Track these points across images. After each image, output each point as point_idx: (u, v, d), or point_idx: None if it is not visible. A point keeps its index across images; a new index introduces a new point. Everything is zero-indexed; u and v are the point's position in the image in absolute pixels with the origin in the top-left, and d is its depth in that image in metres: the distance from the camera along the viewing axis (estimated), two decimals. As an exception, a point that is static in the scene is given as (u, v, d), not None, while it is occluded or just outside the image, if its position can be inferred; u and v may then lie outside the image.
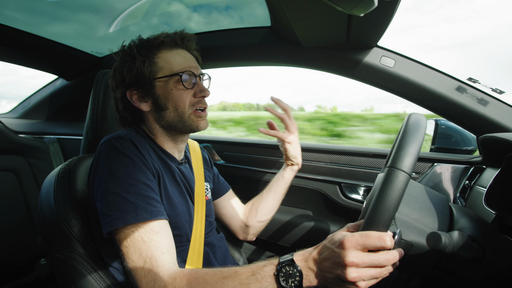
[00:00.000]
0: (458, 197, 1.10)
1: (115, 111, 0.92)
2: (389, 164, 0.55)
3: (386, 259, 0.56)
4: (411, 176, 0.53)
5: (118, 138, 0.79)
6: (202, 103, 0.88)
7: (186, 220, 0.86)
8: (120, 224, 0.70)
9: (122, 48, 0.88)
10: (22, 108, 1.98)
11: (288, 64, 1.31)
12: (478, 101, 1.02)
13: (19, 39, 1.44)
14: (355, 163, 1.39)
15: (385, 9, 0.82)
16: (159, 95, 0.85)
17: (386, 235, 0.54)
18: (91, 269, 0.79)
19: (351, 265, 0.55)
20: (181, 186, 0.89)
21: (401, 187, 0.52)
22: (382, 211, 0.53)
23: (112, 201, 0.71)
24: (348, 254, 0.55)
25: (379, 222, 0.53)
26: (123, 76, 0.85)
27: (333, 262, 0.57)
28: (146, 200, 0.73)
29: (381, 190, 0.53)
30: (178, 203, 0.85)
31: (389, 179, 0.53)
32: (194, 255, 0.85)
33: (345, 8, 0.42)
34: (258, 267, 0.65)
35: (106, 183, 0.73)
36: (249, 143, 1.67)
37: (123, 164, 0.75)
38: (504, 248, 0.60)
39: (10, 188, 1.50)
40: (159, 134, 0.90)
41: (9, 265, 1.41)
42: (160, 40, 0.85)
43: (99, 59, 1.74)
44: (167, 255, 0.70)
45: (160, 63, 0.84)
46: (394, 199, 0.52)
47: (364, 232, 0.55)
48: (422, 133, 0.57)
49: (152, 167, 0.79)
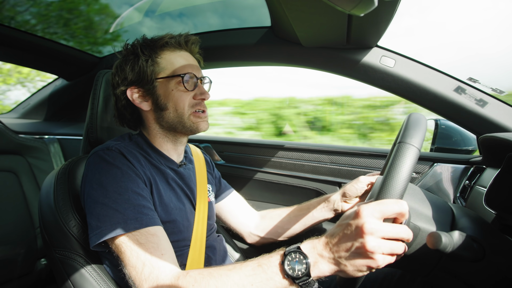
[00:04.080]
0: (458, 197, 1.10)
1: (114, 111, 0.92)
2: (399, 140, 0.56)
3: (403, 230, 0.54)
4: (420, 150, 0.54)
5: (105, 149, 0.79)
6: (201, 105, 0.88)
7: (184, 226, 0.85)
8: (110, 235, 0.69)
9: (126, 46, 0.88)
10: (22, 108, 1.98)
11: (288, 64, 1.31)
12: (478, 101, 1.02)
13: (19, 39, 1.44)
14: (355, 163, 1.39)
15: (385, 9, 0.82)
16: (160, 95, 0.85)
17: (402, 201, 0.53)
18: (91, 269, 0.79)
19: (370, 233, 0.53)
20: (177, 190, 0.88)
21: (412, 158, 0.53)
22: (396, 181, 0.53)
23: (101, 213, 0.71)
24: (366, 221, 0.53)
25: (394, 190, 0.53)
26: (125, 74, 0.85)
27: (349, 236, 0.55)
28: (137, 209, 0.72)
29: (393, 162, 0.54)
30: (174, 208, 0.83)
31: (401, 152, 0.54)
32: (194, 258, 0.84)
33: (345, 8, 0.42)
34: (264, 258, 0.63)
35: (95, 195, 0.73)
36: (249, 143, 1.67)
37: (112, 174, 0.74)
38: (504, 248, 0.60)
39: (10, 188, 1.49)
40: (158, 135, 0.89)
41: (9, 265, 1.41)
42: (164, 41, 0.86)
43: (99, 59, 1.74)
44: (166, 256, 0.69)
45: (163, 63, 0.85)
46: (406, 169, 0.53)
47: (380, 200, 0.54)
48: (425, 121, 0.59)
49: (142, 174, 0.78)
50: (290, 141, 1.61)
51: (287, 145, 1.55)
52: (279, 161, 1.54)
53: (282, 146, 1.55)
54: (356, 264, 0.55)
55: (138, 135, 0.91)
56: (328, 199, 1.00)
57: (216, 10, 1.26)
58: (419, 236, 0.62)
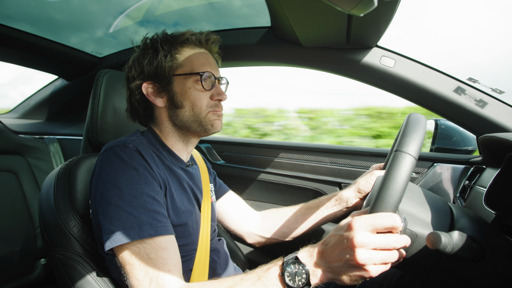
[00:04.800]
0: (458, 197, 1.10)
1: (127, 105, 0.89)
2: (395, 148, 0.55)
3: (396, 240, 0.55)
4: (416, 159, 0.53)
5: (122, 146, 0.75)
6: (218, 107, 0.86)
7: (193, 229, 0.84)
8: (124, 241, 0.66)
9: (145, 40, 0.86)
10: (22, 108, 1.98)
11: (288, 64, 1.31)
12: (478, 101, 1.02)
13: (19, 39, 1.44)
14: (355, 163, 1.39)
15: (385, 9, 0.82)
16: (176, 92, 0.83)
17: (395, 215, 0.53)
18: (91, 269, 0.79)
19: (360, 246, 0.53)
20: (189, 192, 0.86)
21: (408, 169, 0.52)
22: (390, 192, 0.53)
23: (115, 215, 0.68)
24: (356, 234, 0.54)
25: (388, 203, 0.53)
26: (142, 67, 0.83)
27: (340, 248, 0.56)
28: (151, 214, 0.69)
29: (388, 172, 0.53)
30: (185, 211, 0.82)
31: (396, 161, 0.53)
32: (200, 262, 0.83)
33: (345, 8, 0.42)
34: (263, 270, 0.64)
35: (109, 195, 0.70)
36: (249, 143, 1.67)
37: (128, 175, 0.71)
38: (504, 248, 0.60)
39: (10, 188, 1.49)
40: (170, 134, 0.87)
41: (9, 265, 1.41)
42: (185, 37, 0.84)
43: (99, 59, 1.74)
44: (173, 271, 0.67)
45: (182, 60, 0.83)
46: (402, 180, 0.52)
47: (373, 214, 0.54)
48: (424, 124, 0.58)
49: (158, 177, 0.76)
50: (290, 141, 1.61)
51: (287, 145, 1.55)
52: (279, 161, 1.54)
53: (282, 146, 1.55)
54: (350, 274, 0.56)
55: (149, 131, 0.88)
56: (340, 197, 0.98)
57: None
58: (416, 242, 0.63)
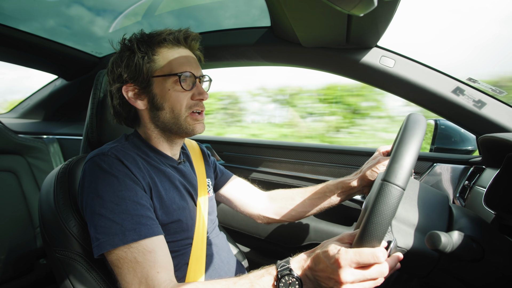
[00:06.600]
0: (457, 197, 1.10)
1: (110, 108, 0.90)
2: (383, 177, 0.54)
3: (379, 272, 0.57)
4: (404, 189, 0.53)
5: (101, 154, 0.76)
6: (199, 106, 0.85)
7: (188, 224, 0.84)
8: (108, 248, 0.68)
9: (123, 41, 0.85)
10: (22, 108, 1.98)
11: (288, 64, 1.31)
12: (477, 101, 1.02)
13: (19, 39, 1.44)
14: (355, 163, 1.39)
15: (385, 9, 0.82)
16: (156, 94, 0.82)
17: (379, 251, 0.55)
18: (91, 269, 0.79)
19: (345, 282, 0.57)
20: (180, 189, 0.86)
21: (394, 203, 0.52)
22: (375, 226, 0.53)
23: (99, 224, 0.69)
24: (342, 272, 0.57)
25: (372, 237, 0.54)
26: (121, 70, 0.82)
27: (328, 276, 0.59)
28: (135, 219, 0.70)
29: (374, 204, 0.54)
30: (177, 208, 0.82)
31: (383, 193, 0.53)
32: (197, 255, 0.84)
33: (345, 8, 0.42)
34: (256, 277, 0.65)
35: (92, 205, 0.71)
36: (249, 143, 1.67)
37: (108, 183, 0.72)
38: (503, 248, 0.60)
39: (10, 188, 1.49)
40: (154, 135, 0.87)
41: (9, 265, 1.41)
42: (162, 37, 0.82)
43: (99, 59, 1.74)
44: (163, 273, 0.68)
45: (160, 61, 0.81)
46: (387, 214, 0.52)
47: (358, 250, 0.56)
48: (420, 139, 0.57)
49: (141, 180, 0.76)
50: (290, 141, 1.61)
51: (287, 145, 1.55)
52: (279, 161, 1.54)
53: (282, 146, 1.55)
54: None
55: (134, 135, 0.89)
56: (346, 185, 1.01)
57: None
58: (409, 254, 0.63)
